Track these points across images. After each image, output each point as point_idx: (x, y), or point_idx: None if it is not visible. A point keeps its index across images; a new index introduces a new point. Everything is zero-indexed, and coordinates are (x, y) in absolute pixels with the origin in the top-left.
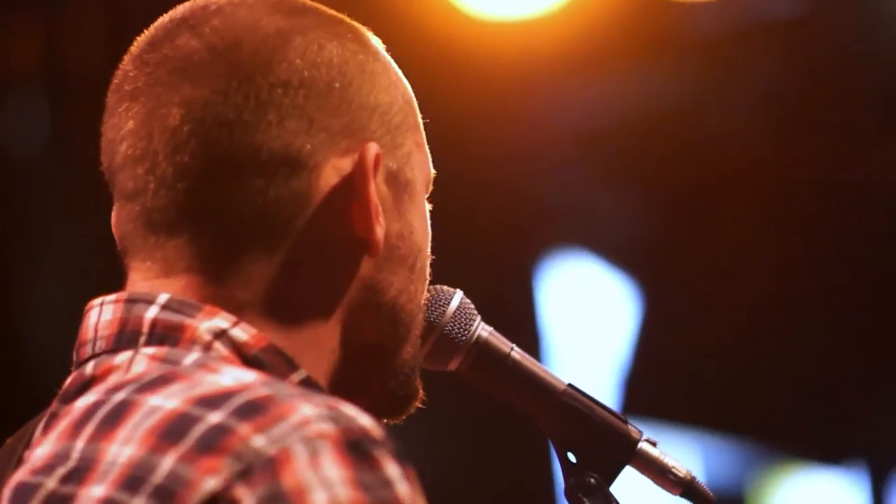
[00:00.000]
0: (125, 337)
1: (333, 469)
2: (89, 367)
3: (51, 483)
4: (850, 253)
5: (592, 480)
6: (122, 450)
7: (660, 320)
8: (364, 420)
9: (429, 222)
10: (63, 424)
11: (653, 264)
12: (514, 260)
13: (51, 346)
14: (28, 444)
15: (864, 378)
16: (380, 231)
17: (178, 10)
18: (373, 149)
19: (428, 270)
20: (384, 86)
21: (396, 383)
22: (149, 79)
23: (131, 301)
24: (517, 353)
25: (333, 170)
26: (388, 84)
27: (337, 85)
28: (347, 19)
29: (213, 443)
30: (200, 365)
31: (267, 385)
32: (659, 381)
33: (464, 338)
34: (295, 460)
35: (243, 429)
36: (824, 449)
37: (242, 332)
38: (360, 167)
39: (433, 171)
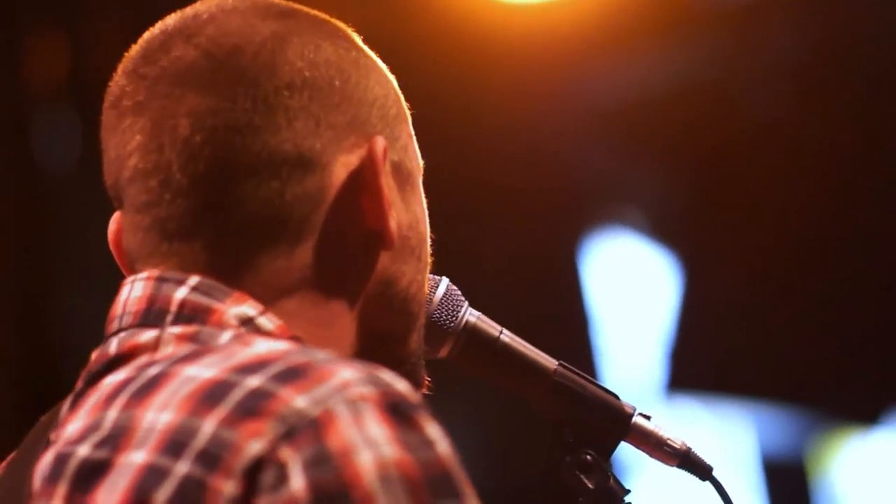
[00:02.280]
0: (152, 314)
1: (377, 429)
2: (113, 344)
3: (83, 450)
4: (882, 212)
5: (589, 457)
6: (158, 416)
7: (702, 291)
8: (401, 384)
9: (426, 211)
10: (92, 400)
11: (690, 235)
12: (556, 238)
13: (84, 356)
14: (56, 424)
15: None
16: (394, 223)
17: (168, 22)
18: (381, 142)
19: (429, 259)
20: (377, 79)
21: (404, 372)
22: (149, 92)
23: (161, 280)
24: (506, 336)
25: (343, 167)
26: (381, 77)
27: (337, 83)
28: (332, 19)
29: (255, 406)
30: (233, 339)
31: (302, 352)
32: (705, 353)
33: (452, 324)
34: (339, 421)
35: (284, 392)
36: (879, 410)
37: (269, 322)
38: (370, 161)
39: (421, 162)
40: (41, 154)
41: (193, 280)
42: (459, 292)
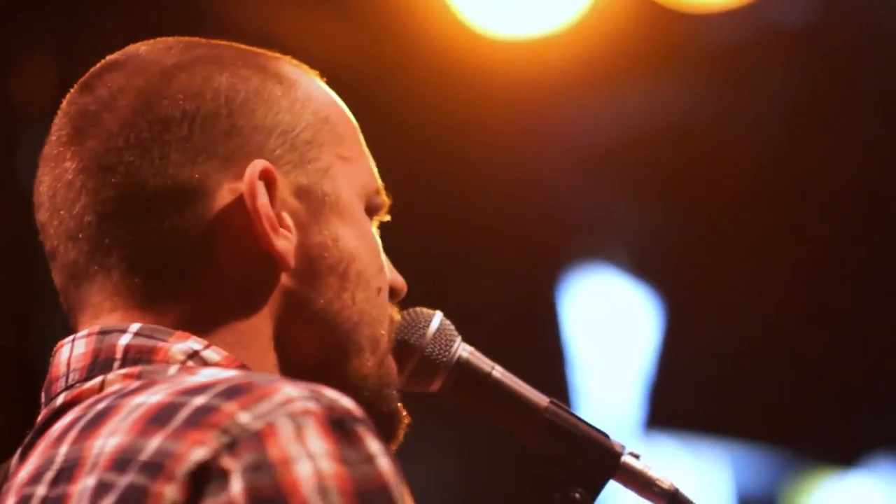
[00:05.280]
0: (98, 365)
1: (318, 443)
2: (60, 399)
3: (41, 490)
4: (870, 256)
5: (577, 495)
6: (107, 441)
7: (683, 330)
8: (346, 401)
9: (370, 231)
10: (42, 445)
11: (674, 274)
12: (537, 274)
13: None
14: (6, 478)
15: (893, 379)
16: (282, 243)
17: (106, 60)
18: (257, 165)
19: (376, 278)
20: (285, 106)
21: (363, 400)
22: (56, 141)
23: (104, 333)
24: (498, 371)
25: (229, 193)
26: (292, 104)
27: (223, 112)
28: (246, 48)
29: (200, 419)
30: (179, 371)
31: (247, 375)
32: (684, 391)
33: (444, 358)
34: (280, 434)
35: (229, 406)
36: (855, 452)
37: (214, 354)
38: (246, 185)
39: (379, 182)
40: (25, 176)
41: (135, 326)
42: (453, 327)
